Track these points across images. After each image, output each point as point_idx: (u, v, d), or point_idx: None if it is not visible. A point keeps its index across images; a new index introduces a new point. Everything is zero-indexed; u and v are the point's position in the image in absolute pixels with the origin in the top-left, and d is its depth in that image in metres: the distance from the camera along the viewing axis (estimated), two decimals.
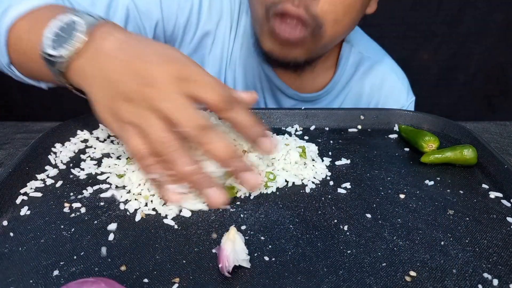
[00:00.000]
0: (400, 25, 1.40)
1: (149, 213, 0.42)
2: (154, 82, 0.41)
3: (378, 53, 0.87)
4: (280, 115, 0.62)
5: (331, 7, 0.62)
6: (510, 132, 0.69)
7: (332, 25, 0.64)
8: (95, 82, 0.44)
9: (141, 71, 0.42)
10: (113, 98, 0.42)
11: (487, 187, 0.47)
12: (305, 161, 0.50)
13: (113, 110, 0.42)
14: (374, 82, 0.83)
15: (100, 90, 0.43)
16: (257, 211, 0.43)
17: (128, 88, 0.41)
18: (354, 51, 0.82)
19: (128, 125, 0.42)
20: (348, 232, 0.39)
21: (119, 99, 0.42)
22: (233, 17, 0.77)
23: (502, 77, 1.52)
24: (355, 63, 0.82)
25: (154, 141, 0.41)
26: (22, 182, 0.46)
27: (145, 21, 0.69)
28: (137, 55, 0.43)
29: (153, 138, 0.40)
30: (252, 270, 0.35)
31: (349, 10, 0.64)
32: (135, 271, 0.35)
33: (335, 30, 0.66)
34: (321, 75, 0.81)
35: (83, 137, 0.56)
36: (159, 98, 0.41)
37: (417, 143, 0.54)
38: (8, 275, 0.34)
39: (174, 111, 0.40)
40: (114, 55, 0.43)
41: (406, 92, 0.84)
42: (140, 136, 0.41)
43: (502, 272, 0.35)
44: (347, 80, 0.82)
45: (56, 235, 0.39)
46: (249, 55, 0.77)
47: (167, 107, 0.40)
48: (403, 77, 0.86)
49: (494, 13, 1.40)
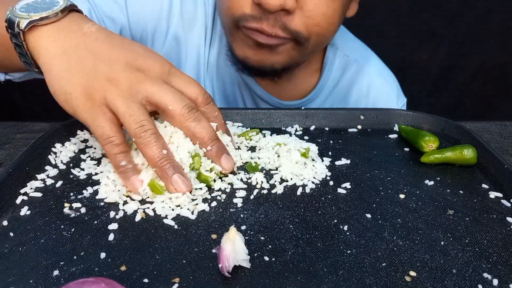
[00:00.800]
0: (400, 25, 1.40)
1: (149, 213, 0.42)
2: (144, 69, 0.43)
3: (364, 55, 0.83)
4: (280, 115, 0.62)
5: (312, 20, 0.59)
6: (510, 132, 0.69)
7: (317, 37, 0.62)
8: (65, 57, 0.44)
9: (129, 58, 0.44)
10: (93, 77, 0.43)
11: (487, 187, 0.47)
12: (305, 161, 0.50)
13: (88, 89, 0.43)
14: (361, 88, 0.79)
15: (73, 66, 0.43)
16: (257, 211, 0.43)
17: (115, 71, 0.42)
18: (339, 54, 0.78)
19: (102, 107, 0.43)
20: (348, 232, 0.39)
21: (100, 79, 0.42)
22: (207, 22, 0.73)
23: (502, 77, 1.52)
24: (341, 67, 0.78)
25: (134, 123, 0.42)
26: (22, 182, 0.46)
27: (110, 26, 0.67)
28: (123, 45, 0.45)
29: (135, 119, 0.42)
30: (252, 270, 0.35)
31: (332, 20, 0.61)
32: (135, 271, 0.35)
33: (319, 41, 0.64)
34: (305, 81, 0.77)
35: (83, 137, 0.56)
36: (146, 83, 0.43)
37: (417, 143, 0.54)
38: (8, 275, 0.34)
39: (163, 93, 0.43)
40: (99, 38, 0.45)
41: (395, 95, 0.81)
42: (112, 122, 0.43)
43: (502, 272, 0.35)
44: (333, 86, 0.78)
45: (56, 235, 0.39)
46: (227, 62, 0.73)
47: (154, 90, 0.43)
48: (392, 79, 0.83)
49: (494, 13, 1.40)
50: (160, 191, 0.44)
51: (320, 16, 0.59)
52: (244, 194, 0.45)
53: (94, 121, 0.43)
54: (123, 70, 0.43)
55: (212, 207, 0.43)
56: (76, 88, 0.43)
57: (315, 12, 0.59)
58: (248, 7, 0.59)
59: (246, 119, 0.62)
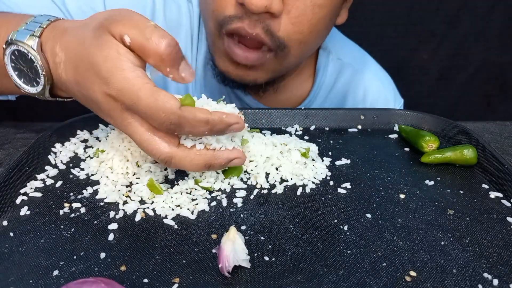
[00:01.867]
0: (400, 25, 1.40)
1: (149, 213, 0.42)
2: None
3: (358, 58, 0.80)
4: (280, 115, 0.62)
5: (296, 27, 0.56)
6: (510, 132, 0.69)
7: (298, 46, 0.59)
8: (82, 84, 0.42)
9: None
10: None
11: (487, 187, 0.47)
12: (305, 161, 0.50)
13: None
14: (357, 93, 0.77)
15: (90, 86, 0.42)
16: (257, 211, 0.43)
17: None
18: (332, 58, 0.75)
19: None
20: (348, 232, 0.39)
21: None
22: (193, 30, 0.70)
23: (502, 77, 1.52)
24: (334, 72, 0.76)
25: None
26: (22, 182, 0.46)
27: None
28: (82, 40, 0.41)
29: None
30: (252, 270, 0.35)
31: (316, 29, 0.58)
32: (135, 271, 0.35)
33: (301, 51, 0.60)
34: (298, 88, 0.74)
35: (83, 137, 0.56)
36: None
37: (417, 143, 0.54)
38: (8, 275, 0.34)
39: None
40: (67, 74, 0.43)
41: (392, 98, 0.80)
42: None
43: (502, 272, 0.35)
44: (328, 91, 0.76)
45: (56, 235, 0.39)
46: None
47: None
48: (388, 81, 0.81)
49: (493, 13, 1.40)
50: (159, 191, 0.44)
51: (305, 24, 0.57)
52: (244, 194, 0.45)
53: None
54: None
55: (212, 207, 0.43)
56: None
57: (301, 19, 0.56)
58: (232, 8, 0.56)
59: (246, 119, 0.61)
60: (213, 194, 0.45)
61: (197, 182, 0.46)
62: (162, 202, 0.43)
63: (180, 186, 0.46)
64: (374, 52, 0.88)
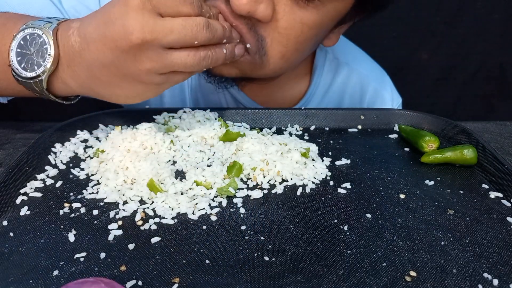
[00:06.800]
0: (400, 25, 1.40)
1: (149, 213, 0.42)
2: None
3: (355, 58, 0.79)
4: (280, 115, 0.62)
5: (282, 37, 0.54)
6: (510, 132, 0.69)
7: (279, 60, 0.56)
8: (93, 75, 0.44)
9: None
10: (122, 65, 0.43)
11: (487, 187, 0.47)
12: (305, 161, 0.50)
13: (132, 74, 0.43)
14: (354, 93, 0.77)
15: (103, 76, 0.44)
16: (257, 211, 0.43)
17: (125, 46, 0.41)
18: (329, 57, 0.75)
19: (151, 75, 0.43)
20: (348, 232, 0.39)
21: (126, 60, 0.42)
22: None
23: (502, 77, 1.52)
24: (331, 71, 0.75)
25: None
26: (22, 182, 0.46)
27: None
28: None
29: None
30: (252, 270, 0.35)
31: (302, 47, 0.57)
32: (135, 271, 0.35)
33: (280, 66, 0.58)
34: (294, 87, 0.73)
35: (83, 137, 0.56)
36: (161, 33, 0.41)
37: (417, 143, 0.54)
38: (8, 275, 0.34)
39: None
40: (89, 43, 0.43)
41: (390, 96, 0.79)
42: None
43: (502, 272, 0.35)
44: (325, 91, 0.75)
45: (56, 235, 0.39)
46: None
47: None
48: (385, 81, 0.80)
49: (493, 13, 1.40)
50: (159, 190, 0.44)
51: (291, 40, 0.54)
52: (244, 194, 0.45)
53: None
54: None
55: (212, 207, 0.43)
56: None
57: (289, 32, 0.54)
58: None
59: (246, 119, 0.62)
60: (213, 194, 0.45)
61: (198, 184, 0.46)
62: (162, 202, 0.43)
63: (180, 186, 0.46)
64: (374, 52, 0.88)
